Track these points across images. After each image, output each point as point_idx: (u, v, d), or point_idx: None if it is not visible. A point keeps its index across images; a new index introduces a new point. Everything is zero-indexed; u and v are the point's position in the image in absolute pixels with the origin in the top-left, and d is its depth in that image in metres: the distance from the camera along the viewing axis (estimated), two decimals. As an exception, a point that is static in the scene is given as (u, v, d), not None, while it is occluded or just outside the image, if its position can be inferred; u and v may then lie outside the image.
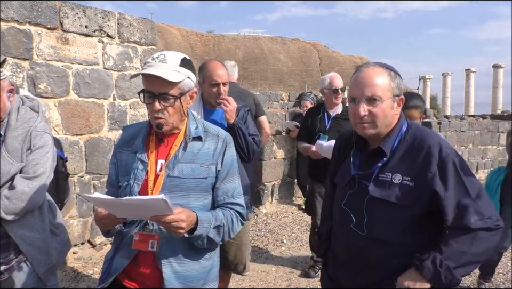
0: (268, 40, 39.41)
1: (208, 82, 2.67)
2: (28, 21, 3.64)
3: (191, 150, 1.60)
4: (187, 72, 1.55)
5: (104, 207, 1.47)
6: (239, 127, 2.61)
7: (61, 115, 3.91)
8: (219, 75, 2.64)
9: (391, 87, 1.51)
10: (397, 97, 1.54)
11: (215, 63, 2.74)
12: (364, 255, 1.57)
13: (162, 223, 1.42)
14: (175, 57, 1.55)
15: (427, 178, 1.46)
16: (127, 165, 1.62)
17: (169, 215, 1.40)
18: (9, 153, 1.78)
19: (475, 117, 12.89)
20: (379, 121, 1.51)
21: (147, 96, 1.54)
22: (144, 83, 1.54)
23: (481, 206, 1.44)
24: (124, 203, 1.40)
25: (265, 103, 17.86)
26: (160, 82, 1.49)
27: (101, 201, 1.43)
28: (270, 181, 6.37)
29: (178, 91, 1.53)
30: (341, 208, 1.62)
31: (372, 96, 1.49)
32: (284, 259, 4.44)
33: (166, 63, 1.51)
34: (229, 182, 1.66)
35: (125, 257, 1.56)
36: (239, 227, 1.69)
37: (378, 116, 1.50)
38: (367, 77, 1.51)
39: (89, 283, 3.65)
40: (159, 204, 1.35)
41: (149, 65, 1.51)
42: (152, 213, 1.40)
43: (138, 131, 1.67)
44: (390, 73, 1.53)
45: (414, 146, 1.52)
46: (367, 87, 1.49)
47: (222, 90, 2.64)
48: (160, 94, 1.51)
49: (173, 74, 1.50)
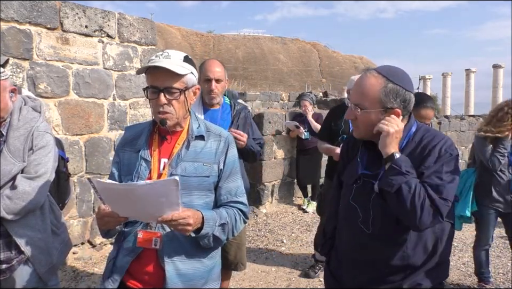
0: (267, 40, 39.43)
1: (202, 78, 2.70)
2: (28, 21, 3.64)
3: (194, 148, 1.61)
4: (190, 67, 1.59)
5: (109, 200, 1.45)
6: (250, 145, 2.72)
7: (61, 115, 3.91)
8: (212, 72, 2.67)
9: (381, 100, 1.51)
10: (390, 109, 1.52)
11: (212, 61, 2.78)
12: (367, 252, 1.58)
13: (169, 222, 1.42)
14: (178, 54, 1.59)
15: (419, 170, 1.49)
16: (129, 164, 1.63)
17: (176, 213, 1.40)
18: (11, 153, 1.79)
19: (475, 117, 12.88)
20: (362, 128, 1.58)
21: (152, 92, 1.56)
22: (149, 79, 1.56)
23: (447, 187, 1.46)
24: (132, 189, 1.37)
25: (265, 103, 17.87)
26: (165, 76, 1.52)
27: (109, 187, 1.39)
28: (270, 181, 6.37)
29: (183, 85, 1.56)
30: (348, 203, 1.65)
31: (357, 104, 1.55)
32: (284, 259, 4.44)
33: (170, 59, 1.54)
34: (232, 181, 1.68)
35: (129, 256, 1.56)
36: (242, 226, 1.71)
37: (361, 124, 1.57)
38: (359, 85, 1.56)
39: (89, 283, 3.65)
40: (170, 188, 1.33)
41: (153, 61, 1.54)
42: (159, 204, 1.38)
43: (141, 131, 1.69)
44: (386, 86, 1.50)
45: (421, 146, 1.54)
46: (357, 94, 1.56)
47: (213, 87, 2.67)
48: (165, 88, 1.53)
49: (178, 67, 1.53)
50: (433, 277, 1.58)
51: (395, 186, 1.43)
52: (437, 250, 1.56)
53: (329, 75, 37.83)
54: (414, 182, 1.44)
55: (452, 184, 1.48)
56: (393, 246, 1.54)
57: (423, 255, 1.54)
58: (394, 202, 1.46)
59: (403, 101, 1.52)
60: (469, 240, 5.10)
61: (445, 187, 1.45)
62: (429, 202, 1.42)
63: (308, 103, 6.27)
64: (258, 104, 17.34)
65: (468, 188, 3.52)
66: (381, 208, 1.53)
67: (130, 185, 1.40)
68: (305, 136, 6.11)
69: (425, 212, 1.42)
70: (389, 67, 1.58)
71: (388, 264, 1.54)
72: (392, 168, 1.46)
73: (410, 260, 1.53)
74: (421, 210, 1.41)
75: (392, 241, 1.54)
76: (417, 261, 1.54)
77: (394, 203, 1.46)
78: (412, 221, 1.44)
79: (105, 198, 1.45)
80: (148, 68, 1.55)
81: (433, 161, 1.48)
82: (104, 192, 1.43)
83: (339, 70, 38.63)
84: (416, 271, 1.55)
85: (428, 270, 1.56)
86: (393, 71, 1.56)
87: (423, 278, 1.56)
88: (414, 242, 1.53)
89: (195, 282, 1.59)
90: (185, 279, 1.56)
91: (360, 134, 1.61)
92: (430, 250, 1.55)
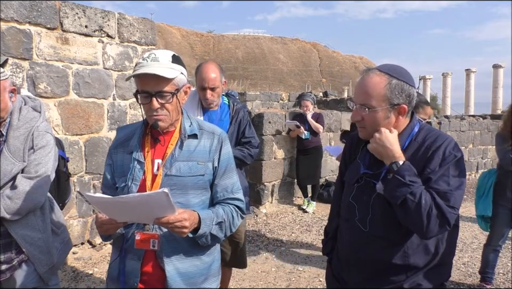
0: (267, 40, 39.45)
1: (197, 84, 2.71)
2: (27, 21, 3.64)
3: (187, 148, 1.60)
4: (180, 67, 1.57)
5: (104, 210, 1.45)
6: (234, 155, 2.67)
7: (60, 115, 3.91)
8: (206, 80, 2.64)
9: (387, 97, 1.50)
10: (396, 106, 1.52)
11: (207, 66, 2.71)
12: (367, 252, 1.58)
13: (165, 224, 1.42)
14: (166, 54, 1.56)
15: (424, 174, 1.48)
16: (123, 165, 1.62)
17: (172, 216, 1.40)
18: (11, 153, 1.79)
19: (475, 117, 12.89)
20: (370, 128, 1.56)
21: (143, 97, 1.54)
22: (139, 84, 1.54)
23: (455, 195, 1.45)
24: (124, 202, 1.39)
25: (265, 103, 17.88)
26: (156, 81, 1.50)
27: (101, 201, 1.41)
28: (270, 181, 6.37)
29: (174, 88, 1.54)
30: (349, 202, 1.65)
31: (364, 104, 1.53)
32: (283, 259, 4.44)
33: (158, 61, 1.51)
34: (227, 178, 1.67)
35: (135, 259, 1.56)
36: (239, 222, 1.71)
37: (368, 123, 1.55)
38: (363, 85, 1.54)
39: (89, 283, 3.65)
40: (161, 199, 1.34)
41: (141, 65, 1.51)
42: (153, 211, 1.39)
43: (133, 132, 1.67)
44: (391, 82, 1.51)
45: (424, 147, 1.53)
46: (362, 94, 1.54)
47: (209, 95, 2.66)
48: (157, 92, 1.51)
49: (168, 71, 1.51)
50: (435, 278, 1.57)
51: (400, 198, 1.42)
52: (439, 251, 1.56)
53: (329, 75, 37.85)
54: (419, 190, 1.42)
55: (460, 191, 1.46)
56: (394, 246, 1.53)
57: (424, 256, 1.54)
58: (400, 213, 1.46)
59: (408, 96, 1.53)
60: (469, 240, 5.11)
61: (453, 194, 1.44)
62: (436, 212, 1.41)
63: (309, 103, 6.28)
64: (258, 104, 17.35)
65: (489, 188, 3.52)
66: (381, 208, 1.53)
67: (121, 198, 1.40)
68: (306, 136, 6.12)
69: (432, 221, 1.41)
70: (389, 65, 1.58)
71: (389, 264, 1.54)
72: (395, 179, 1.45)
73: (411, 260, 1.52)
74: (428, 219, 1.40)
75: (393, 241, 1.54)
76: (418, 262, 1.53)
77: (400, 214, 1.46)
78: (419, 230, 1.44)
79: (100, 208, 1.46)
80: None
81: (438, 164, 1.47)
82: (97, 204, 1.44)
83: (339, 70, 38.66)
84: (417, 272, 1.54)
85: (429, 270, 1.55)
86: (394, 67, 1.56)
87: (424, 279, 1.55)
88: (414, 242, 1.52)
89: (195, 280, 1.59)
90: (185, 278, 1.56)
91: (368, 134, 1.58)
92: (431, 251, 1.54)
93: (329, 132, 7.22)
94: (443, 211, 1.41)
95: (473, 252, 4.69)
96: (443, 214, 1.41)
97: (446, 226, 1.44)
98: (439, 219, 1.41)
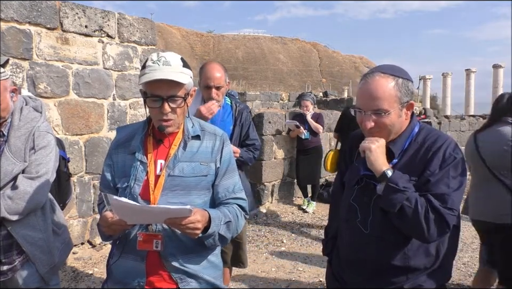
0: (267, 40, 39.44)
1: (202, 84, 2.70)
2: (27, 21, 3.64)
3: (190, 148, 1.60)
4: (189, 72, 1.57)
5: (120, 213, 1.43)
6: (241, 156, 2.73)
7: (60, 115, 3.91)
8: (212, 79, 2.65)
9: (397, 97, 1.50)
10: (406, 103, 1.53)
11: (213, 65, 2.73)
12: (367, 253, 1.58)
13: (178, 226, 1.41)
14: (176, 58, 1.55)
15: (424, 175, 1.47)
16: (124, 166, 1.61)
17: (186, 218, 1.39)
18: (12, 153, 1.79)
19: (475, 117, 12.89)
20: (387, 131, 1.53)
21: (153, 100, 1.52)
22: (149, 87, 1.52)
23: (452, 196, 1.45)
24: (148, 210, 1.39)
25: (265, 103, 17.88)
26: (168, 85, 1.49)
27: (126, 206, 1.38)
28: (270, 181, 6.37)
29: (184, 92, 1.55)
30: (350, 203, 1.64)
31: (377, 110, 1.50)
32: (283, 259, 4.44)
33: (170, 65, 1.50)
34: (229, 178, 1.67)
35: (138, 261, 1.55)
36: (243, 222, 1.71)
37: (386, 127, 1.52)
38: (372, 90, 1.50)
39: (89, 283, 3.65)
40: (183, 213, 1.37)
41: (152, 69, 1.49)
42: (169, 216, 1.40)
43: (134, 132, 1.66)
44: (397, 82, 1.50)
45: (424, 148, 1.52)
46: (373, 100, 1.49)
47: (214, 94, 2.65)
48: (169, 97, 1.51)
49: (181, 76, 1.51)
50: (436, 279, 1.57)
51: (397, 206, 1.42)
52: (440, 253, 1.55)
53: (329, 75, 37.85)
54: (413, 197, 1.42)
55: (458, 192, 1.46)
56: (394, 247, 1.53)
57: (425, 258, 1.53)
58: (400, 222, 1.46)
59: (411, 92, 1.54)
60: (469, 240, 5.10)
61: (450, 196, 1.43)
62: (433, 215, 1.41)
63: (310, 103, 6.28)
64: (258, 104, 17.35)
65: None
66: (382, 209, 1.53)
67: (146, 206, 1.42)
68: (305, 136, 6.12)
69: (431, 225, 1.41)
70: (387, 66, 1.58)
71: (389, 265, 1.54)
72: (389, 187, 1.44)
73: (411, 262, 1.52)
74: (427, 223, 1.40)
75: (393, 243, 1.53)
76: (418, 264, 1.53)
77: (400, 223, 1.46)
78: (420, 236, 1.44)
79: (117, 211, 1.43)
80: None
81: (438, 166, 1.46)
82: (118, 208, 1.42)
83: (339, 70, 38.65)
84: (417, 273, 1.54)
85: (430, 271, 1.55)
86: (393, 67, 1.57)
87: (425, 280, 1.55)
88: (415, 245, 1.52)
89: (200, 278, 1.59)
90: (190, 277, 1.56)
91: (388, 135, 1.55)
92: (432, 253, 1.54)
93: (329, 132, 7.22)
94: (441, 213, 1.41)
95: (473, 252, 4.69)
96: (441, 217, 1.41)
97: (446, 228, 1.44)
98: (438, 222, 1.41)
